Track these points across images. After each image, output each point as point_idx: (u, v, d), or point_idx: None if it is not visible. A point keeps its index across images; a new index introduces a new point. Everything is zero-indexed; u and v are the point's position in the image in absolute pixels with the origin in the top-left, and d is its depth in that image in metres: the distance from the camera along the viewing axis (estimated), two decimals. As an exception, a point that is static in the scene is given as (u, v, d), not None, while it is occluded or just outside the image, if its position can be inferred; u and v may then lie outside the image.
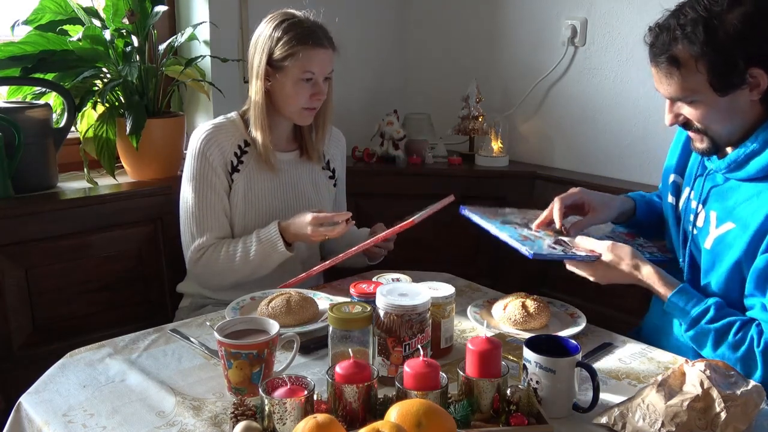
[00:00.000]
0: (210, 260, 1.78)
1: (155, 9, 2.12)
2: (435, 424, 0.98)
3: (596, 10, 2.39)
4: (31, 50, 2.02)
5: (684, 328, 1.34)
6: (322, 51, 1.77)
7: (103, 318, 2.05)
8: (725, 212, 1.39)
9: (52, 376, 1.29)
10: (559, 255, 1.44)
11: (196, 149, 1.80)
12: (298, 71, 1.75)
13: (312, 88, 1.78)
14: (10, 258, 1.87)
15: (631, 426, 1.10)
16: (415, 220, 1.65)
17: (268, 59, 1.76)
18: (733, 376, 1.12)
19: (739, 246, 1.33)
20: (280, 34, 1.75)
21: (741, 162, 1.35)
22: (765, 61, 1.27)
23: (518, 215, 1.66)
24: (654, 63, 1.35)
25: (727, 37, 1.26)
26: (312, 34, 1.76)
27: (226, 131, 1.83)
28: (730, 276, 1.36)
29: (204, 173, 1.80)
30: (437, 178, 2.58)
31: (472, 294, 1.72)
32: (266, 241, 1.74)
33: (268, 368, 1.21)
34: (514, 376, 1.22)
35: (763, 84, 1.29)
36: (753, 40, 1.26)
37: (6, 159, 1.91)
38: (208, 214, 1.80)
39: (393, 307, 1.22)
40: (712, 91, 1.30)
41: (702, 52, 1.28)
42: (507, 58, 2.68)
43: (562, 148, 2.57)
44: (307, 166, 1.94)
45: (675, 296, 1.36)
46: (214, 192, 1.80)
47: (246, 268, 1.76)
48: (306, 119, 1.84)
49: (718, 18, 1.26)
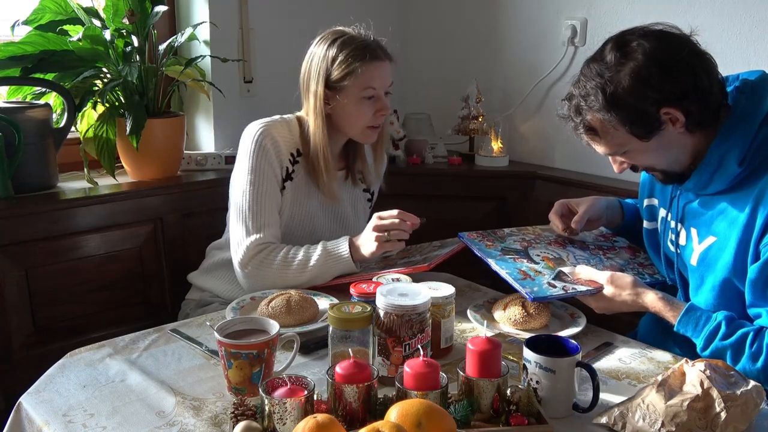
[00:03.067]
0: (267, 259, 1.66)
1: (155, 9, 2.12)
2: (435, 424, 0.98)
3: (596, 10, 2.39)
4: (31, 50, 2.02)
5: (700, 347, 1.34)
6: (381, 64, 1.71)
7: (103, 318, 2.06)
8: (704, 227, 1.43)
9: (52, 376, 1.29)
10: (559, 295, 1.44)
11: (254, 142, 1.72)
12: (359, 89, 1.69)
13: (375, 104, 1.72)
14: (10, 258, 1.87)
15: (631, 426, 1.10)
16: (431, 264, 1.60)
17: (326, 82, 1.69)
18: (733, 376, 1.12)
19: (725, 260, 1.36)
20: (335, 52, 1.68)
21: (705, 180, 1.39)
22: (671, 100, 1.32)
23: (517, 235, 1.67)
24: (576, 134, 1.43)
25: (626, 93, 1.31)
26: (367, 47, 1.69)
27: (283, 132, 1.76)
28: (722, 289, 1.38)
29: (262, 167, 1.71)
30: (437, 178, 2.58)
31: (472, 294, 1.71)
32: (333, 253, 1.65)
33: (268, 368, 1.21)
34: (514, 376, 1.22)
35: (681, 117, 1.33)
36: (650, 88, 1.31)
37: (6, 159, 1.91)
38: (265, 210, 1.71)
39: (393, 307, 1.22)
40: (636, 139, 1.36)
41: (610, 115, 1.34)
42: (507, 58, 2.68)
43: (562, 148, 2.57)
44: (349, 186, 1.90)
45: (684, 319, 1.36)
46: (271, 187, 1.72)
47: (300, 276, 1.65)
48: (371, 138, 1.79)
49: (611, 81, 1.32)
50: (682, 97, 1.31)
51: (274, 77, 2.53)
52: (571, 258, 1.59)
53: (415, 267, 1.60)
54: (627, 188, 2.23)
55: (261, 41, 2.48)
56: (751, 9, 2.04)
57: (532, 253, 1.59)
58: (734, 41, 2.07)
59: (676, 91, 1.31)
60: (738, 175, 1.35)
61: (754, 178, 1.34)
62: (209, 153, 2.37)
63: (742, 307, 1.35)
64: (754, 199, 1.32)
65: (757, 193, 1.32)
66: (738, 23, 2.06)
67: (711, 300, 1.40)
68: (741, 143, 1.33)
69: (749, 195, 1.33)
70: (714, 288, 1.39)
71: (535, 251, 1.59)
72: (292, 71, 2.56)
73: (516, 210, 2.50)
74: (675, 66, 1.31)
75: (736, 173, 1.34)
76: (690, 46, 1.34)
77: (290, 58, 2.56)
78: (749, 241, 1.32)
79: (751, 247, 1.31)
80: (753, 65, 1.96)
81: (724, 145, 1.35)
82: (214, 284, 1.89)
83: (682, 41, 1.34)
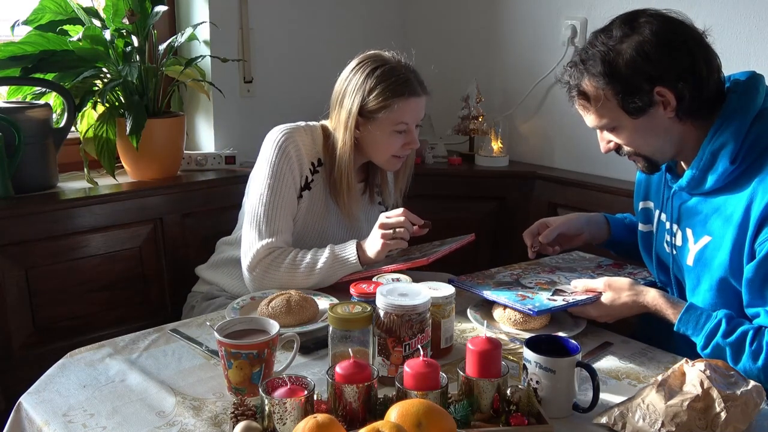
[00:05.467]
0: (275, 262, 1.66)
1: (155, 9, 2.12)
2: (435, 424, 0.98)
3: (596, 10, 2.39)
4: (31, 50, 2.02)
5: (700, 346, 1.34)
6: (418, 100, 1.70)
7: (103, 318, 2.06)
8: (699, 226, 1.43)
9: (52, 376, 1.29)
10: (561, 306, 1.46)
11: (277, 146, 1.71)
12: (392, 123, 1.68)
13: (405, 137, 1.72)
14: (10, 258, 1.87)
15: (631, 426, 1.10)
16: (430, 258, 1.61)
17: (360, 109, 1.69)
18: (733, 376, 1.12)
19: (721, 259, 1.37)
20: (373, 84, 1.67)
21: (698, 178, 1.40)
22: (667, 80, 1.34)
23: (505, 271, 1.68)
24: (570, 99, 1.45)
25: (625, 65, 1.34)
26: (407, 83, 1.68)
27: (305, 139, 1.75)
28: (719, 289, 1.38)
29: (282, 172, 1.70)
30: (437, 178, 2.58)
31: (472, 294, 1.71)
32: (341, 257, 1.65)
33: (268, 368, 1.21)
34: (514, 376, 1.22)
35: (672, 100, 1.35)
36: (649, 63, 1.33)
37: (6, 159, 1.91)
38: (280, 216, 1.70)
39: (393, 307, 1.22)
40: (626, 115, 1.38)
41: (606, 83, 1.36)
42: (507, 58, 2.68)
43: (562, 148, 2.57)
44: (365, 201, 1.90)
45: (685, 316, 1.36)
46: (288, 194, 1.71)
47: (307, 280, 1.65)
48: (394, 166, 1.79)
49: (613, 50, 1.35)
50: (677, 79, 1.33)
51: (274, 77, 2.53)
52: (562, 279, 1.61)
53: (414, 262, 1.61)
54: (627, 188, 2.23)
55: (261, 41, 2.48)
56: (751, 9, 2.04)
57: (525, 281, 1.61)
58: (734, 41, 2.07)
59: (672, 71, 1.33)
60: (731, 172, 1.35)
61: (748, 176, 1.34)
62: (209, 153, 2.37)
63: (739, 307, 1.35)
64: (747, 197, 1.32)
65: (751, 191, 1.32)
66: (738, 24, 2.06)
67: (708, 300, 1.40)
68: (733, 140, 1.34)
69: (743, 193, 1.34)
70: (711, 288, 1.40)
71: (526, 280, 1.62)
72: (292, 71, 2.58)
73: (516, 210, 2.51)
74: (676, 46, 1.33)
75: (730, 170, 1.35)
76: (696, 35, 1.36)
77: (290, 58, 2.58)
78: (744, 240, 1.32)
79: (746, 245, 1.31)
80: (753, 65, 1.95)
81: (716, 142, 1.36)
82: (221, 279, 1.89)
83: (690, 28, 1.37)
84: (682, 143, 1.41)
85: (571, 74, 1.42)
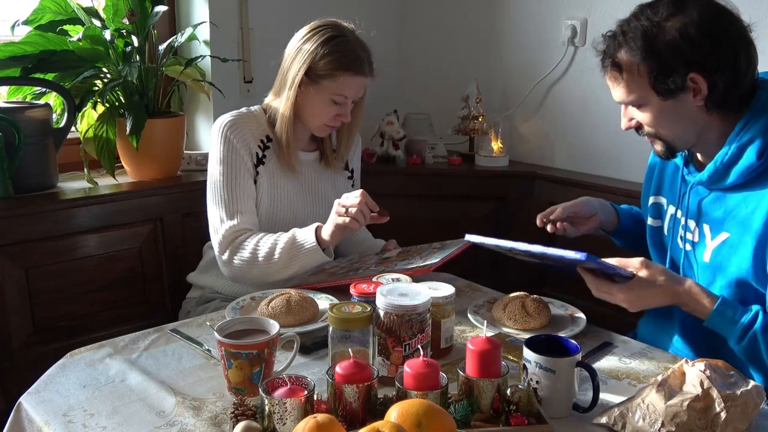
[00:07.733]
0: (241, 246, 1.70)
1: (155, 9, 2.12)
2: (435, 424, 0.98)
3: (596, 10, 2.39)
4: (31, 50, 2.02)
5: (735, 338, 1.30)
6: (361, 80, 1.76)
7: (103, 318, 2.06)
8: (717, 223, 1.41)
9: (52, 376, 1.29)
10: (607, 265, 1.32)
11: (221, 134, 1.77)
12: (332, 93, 1.74)
13: (339, 109, 1.77)
14: (10, 258, 1.88)
15: (631, 426, 1.10)
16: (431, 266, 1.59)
17: (307, 71, 1.74)
18: (733, 376, 1.12)
19: (740, 258, 1.34)
20: (326, 51, 1.72)
21: (720, 172, 1.37)
22: (704, 68, 1.31)
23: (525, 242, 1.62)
24: (602, 69, 1.42)
25: (666, 44, 1.31)
26: (357, 60, 1.74)
27: (250, 122, 1.81)
28: (737, 288, 1.36)
29: (231, 158, 1.76)
30: (437, 178, 2.58)
31: (472, 294, 1.71)
32: (299, 240, 1.66)
33: (268, 368, 1.21)
34: (514, 376, 1.22)
35: (704, 89, 1.33)
36: (690, 47, 1.31)
37: (6, 159, 1.91)
38: (237, 197, 1.75)
39: (393, 307, 1.22)
40: (655, 94, 1.35)
41: (642, 58, 1.33)
42: (507, 58, 2.68)
43: (562, 148, 2.57)
44: (323, 167, 1.93)
45: (721, 307, 1.31)
46: (242, 176, 1.76)
47: (270, 264, 1.67)
48: (323, 133, 1.85)
49: (657, 26, 1.32)
50: (714, 69, 1.31)
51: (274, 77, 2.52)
52: None
53: (414, 270, 1.60)
54: (627, 188, 2.24)
55: (261, 41, 2.48)
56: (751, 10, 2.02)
57: None
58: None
59: (712, 60, 1.31)
60: (756, 168, 1.33)
61: None
62: (209, 153, 2.37)
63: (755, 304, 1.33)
64: None
65: None
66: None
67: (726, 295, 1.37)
68: (762, 135, 1.32)
69: (764, 192, 1.32)
70: (727, 285, 1.37)
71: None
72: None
73: (516, 210, 2.51)
74: (721, 36, 1.31)
75: (755, 166, 1.32)
76: (741, 27, 1.34)
77: (290, 58, 2.57)
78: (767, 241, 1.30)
79: None
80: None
81: (744, 136, 1.33)
82: (213, 281, 1.89)
83: (737, 20, 1.34)
84: (704, 134, 1.39)
85: (608, 44, 1.39)
